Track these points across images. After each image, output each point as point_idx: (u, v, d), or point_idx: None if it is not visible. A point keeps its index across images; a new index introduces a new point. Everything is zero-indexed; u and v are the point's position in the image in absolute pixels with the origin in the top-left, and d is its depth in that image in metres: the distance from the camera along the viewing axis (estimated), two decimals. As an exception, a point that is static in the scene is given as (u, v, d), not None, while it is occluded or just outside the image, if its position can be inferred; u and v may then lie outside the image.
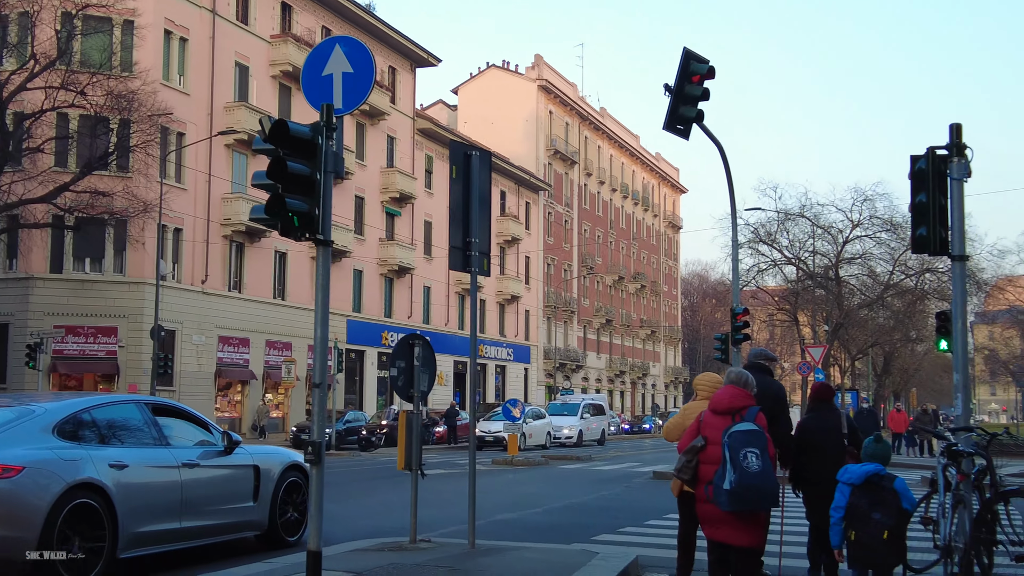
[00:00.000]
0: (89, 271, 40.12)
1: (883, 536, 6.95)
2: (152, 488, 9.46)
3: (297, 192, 8.08)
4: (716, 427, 7.18)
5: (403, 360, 10.44)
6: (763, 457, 6.81)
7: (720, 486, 6.85)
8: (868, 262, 54.61)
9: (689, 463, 7.27)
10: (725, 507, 6.87)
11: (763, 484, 6.76)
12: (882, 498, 7.07)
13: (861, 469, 7.28)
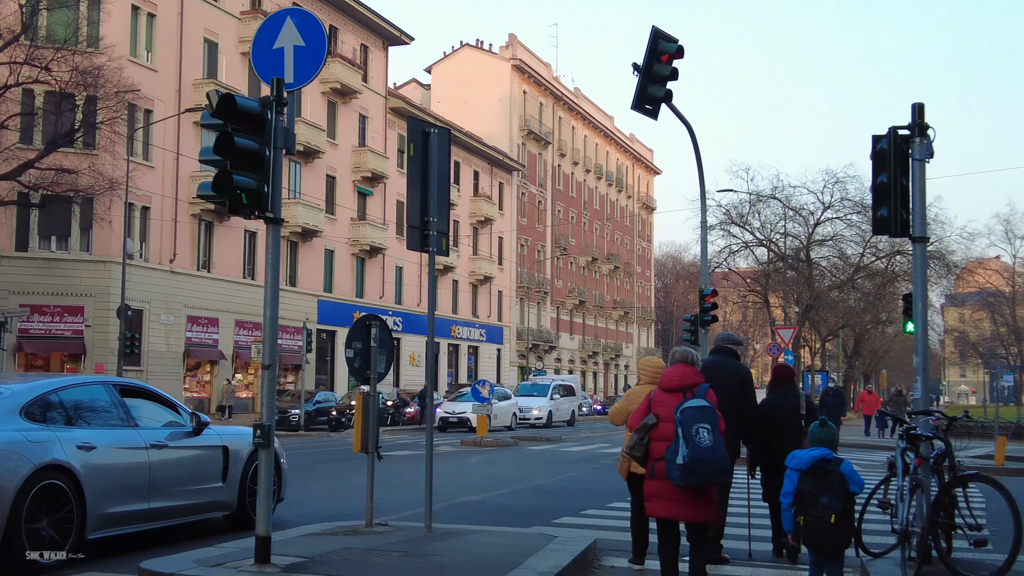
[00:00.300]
0: (55, 249, 39.62)
1: (831, 520, 6.98)
2: (120, 469, 9.42)
3: (245, 168, 7.89)
4: (667, 404, 7.26)
5: (359, 341, 10.26)
6: (714, 432, 6.94)
7: (673, 461, 6.94)
8: (839, 244, 54.86)
9: (641, 440, 7.33)
10: (678, 481, 6.94)
11: (714, 458, 6.87)
12: (829, 482, 7.08)
13: (808, 454, 7.25)
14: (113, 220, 38.53)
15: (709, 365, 9.45)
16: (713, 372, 9.04)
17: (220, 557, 8.31)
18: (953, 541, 8.82)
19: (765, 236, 54.21)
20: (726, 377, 9.28)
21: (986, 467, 22.66)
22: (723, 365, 9.56)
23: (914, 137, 8.72)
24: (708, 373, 8.56)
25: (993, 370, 35.26)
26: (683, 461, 6.86)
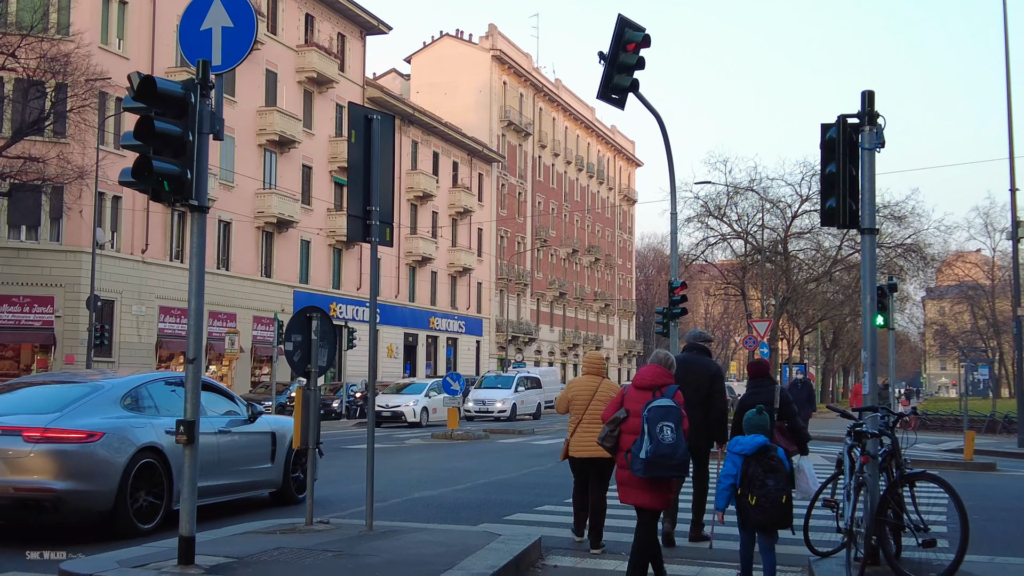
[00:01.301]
0: (24, 239, 39.13)
1: (782, 500, 7.60)
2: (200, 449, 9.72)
3: (167, 154, 7.59)
4: (638, 401, 7.84)
5: (299, 334, 9.98)
6: (677, 431, 7.49)
7: (637, 455, 7.54)
8: (817, 236, 54.75)
9: (612, 433, 7.94)
10: (640, 474, 7.54)
11: (675, 454, 7.44)
12: (773, 466, 7.68)
13: (752, 441, 7.80)
14: (83, 209, 38.08)
15: (682, 362, 9.70)
16: (685, 368, 9.59)
17: (143, 558, 8.03)
18: (903, 541, 8.62)
19: (743, 228, 54.07)
20: (698, 373, 9.87)
21: (955, 461, 22.57)
22: (695, 362, 10.03)
23: (864, 125, 8.48)
24: (681, 369, 9.12)
25: (967, 363, 35.16)
26: (646, 456, 7.43)
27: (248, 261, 48.26)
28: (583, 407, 9.99)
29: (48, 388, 11.31)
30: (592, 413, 9.85)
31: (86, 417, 10.07)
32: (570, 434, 10.12)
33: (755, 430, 7.93)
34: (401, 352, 61.43)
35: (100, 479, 9.86)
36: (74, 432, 9.85)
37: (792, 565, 9.22)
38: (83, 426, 9.93)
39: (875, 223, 8.59)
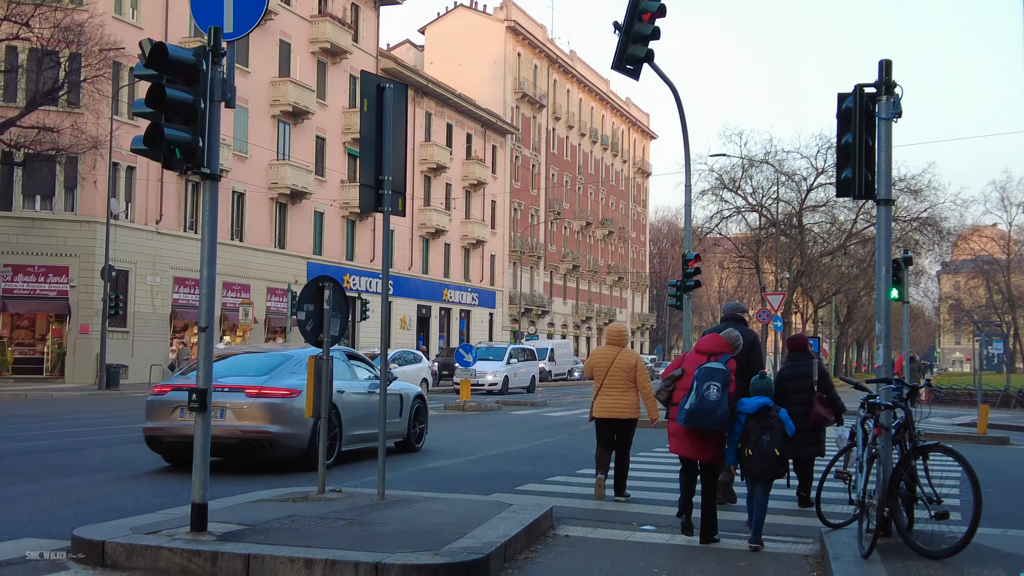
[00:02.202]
0: (39, 209, 39.23)
1: (774, 453, 8.33)
2: (356, 406, 14.25)
3: (178, 121, 7.56)
4: (694, 363, 8.87)
5: (312, 304, 9.97)
6: (722, 392, 8.43)
7: (682, 407, 8.57)
8: (832, 209, 54.40)
9: (666, 387, 9.12)
10: (683, 423, 8.57)
11: (715, 411, 8.38)
12: (770, 424, 8.44)
13: (754, 402, 8.61)
14: (98, 180, 38.19)
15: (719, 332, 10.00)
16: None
17: (156, 524, 8.07)
18: (916, 513, 8.59)
19: (757, 201, 53.80)
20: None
21: (969, 435, 22.51)
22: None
23: (880, 95, 8.38)
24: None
25: (981, 337, 34.99)
26: (689, 408, 8.46)
27: (262, 232, 48.31)
28: (603, 373, 11.31)
29: (253, 356, 14.39)
30: (611, 379, 11.23)
31: (286, 379, 13.10)
32: (593, 397, 11.44)
33: (759, 393, 8.75)
34: (414, 324, 61.51)
35: (299, 425, 12.91)
36: (281, 389, 12.91)
37: (804, 536, 9.22)
38: (286, 385, 12.97)
39: (891, 194, 8.51)
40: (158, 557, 7.29)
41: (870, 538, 7.75)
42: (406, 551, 7.19)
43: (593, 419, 11.47)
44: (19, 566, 7.34)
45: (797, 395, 10.61)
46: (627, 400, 11.26)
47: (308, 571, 6.95)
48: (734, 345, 9.06)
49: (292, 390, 12.89)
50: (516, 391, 42.55)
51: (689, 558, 8.20)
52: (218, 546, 7.32)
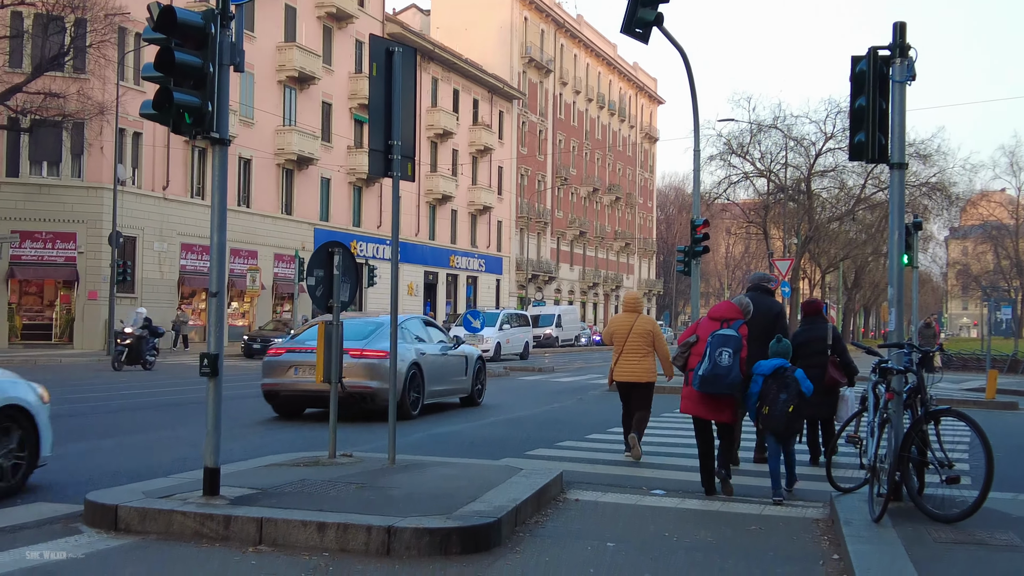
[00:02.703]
0: (46, 175, 39.23)
1: (788, 410, 8.96)
2: (434, 365, 16.91)
3: (187, 86, 7.51)
4: (708, 329, 9.37)
5: (321, 269, 9.95)
6: (734, 357, 8.95)
7: (697, 372, 9.12)
8: (840, 175, 54.15)
9: (682, 354, 9.64)
10: (697, 388, 9.14)
11: (727, 375, 8.93)
12: (786, 384, 9.02)
13: (770, 363, 9.20)
14: (104, 146, 38.14)
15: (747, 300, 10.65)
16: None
17: (169, 489, 8.09)
18: (926, 477, 8.60)
19: (765, 167, 53.55)
20: (762, 311, 10.68)
21: (977, 400, 22.50)
22: (759, 301, 10.82)
23: (894, 58, 8.30)
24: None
25: (990, 303, 34.89)
26: (703, 373, 8.99)
27: (268, 198, 48.28)
28: (623, 339, 11.84)
29: (352, 322, 16.10)
30: (630, 344, 11.77)
31: (382, 343, 15.29)
32: (613, 362, 11.99)
33: (776, 355, 9.36)
34: (421, 290, 61.56)
35: (399, 379, 15.08)
36: (378, 352, 15.22)
37: (814, 501, 9.23)
38: (381, 348, 15.10)
39: (904, 158, 8.45)
40: (171, 521, 7.32)
41: (881, 502, 7.76)
42: (418, 515, 7.22)
43: (613, 383, 12.09)
44: (33, 530, 7.38)
45: (811, 358, 10.75)
46: (645, 364, 11.77)
47: (321, 534, 6.98)
48: (745, 311, 9.69)
49: (387, 352, 14.14)
50: (509, 358, 41.10)
51: (700, 522, 8.22)
52: (231, 510, 7.35)
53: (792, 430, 9.21)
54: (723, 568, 6.75)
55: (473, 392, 18.70)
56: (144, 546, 6.98)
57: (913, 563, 6.39)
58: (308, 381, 15.12)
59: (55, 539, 7.09)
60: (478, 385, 19.02)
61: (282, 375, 15.72)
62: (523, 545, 7.27)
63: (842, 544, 7.20)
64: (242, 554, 6.78)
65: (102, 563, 6.51)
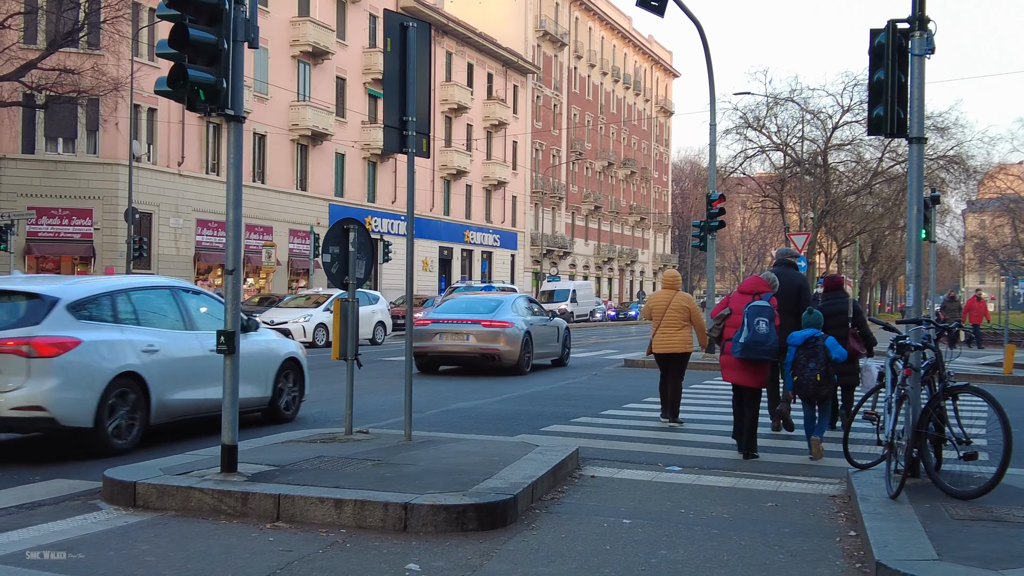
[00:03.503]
0: (62, 152, 39.30)
1: (816, 378, 9.98)
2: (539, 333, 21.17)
3: (201, 62, 7.49)
4: (740, 302, 10.46)
5: (337, 246, 9.94)
6: (769, 325, 10.01)
7: (737, 340, 10.04)
8: (857, 148, 53.72)
9: (717, 326, 10.79)
10: (738, 355, 10.05)
11: (765, 342, 9.97)
12: (815, 352, 10.02)
13: (801, 334, 10.20)
14: (119, 122, 38.14)
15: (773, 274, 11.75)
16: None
17: (186, 465, 8.13)
18: (944, 454, 8.56)
19: (782, 140, 53.17)
20: (787, 284, 11.61)
21: (995, 375, 22.40)
22: (784, 275, 11.74)
23: (914, 31, 8.20)
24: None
25: (1008, 277, 34.63)
26: (744, 341, 9.95)
27: (283, 174, 48.27)
28: (661, 314, 12.83)
29: (474, 298, 21.99)
30: (668, 319, 12.74)
31: (505, 315, 19.86)
32: (652, 335, 13.02)
33: (808, 326, 10.29)
34: (436, 266, 61.57)
35: (514, 346, 19.78)
36: (504, 322, 19.66)
37: (831, 477, 9.22)
38: (506, 319, 19.70)
39: (923, 132, 8.36)
40: (189, 498, 7.37)
41: (898, 479, 7.74)
42: (434, 491, 7.24)
43: (652, 354, 13.09)
44: (51, 507, 7.43)
45: (834, 330, 11.21)
46: (681, 336, 12.77)
47: (338, 511, 7.01)
48: (772, 284, 10.79)
49: (509, 322, 19.81)
50: None
51: (716, 498, 8.22)
52: (248, 486, 7.38)
53: (821, 395, 10.07)
54: (739, 544, 6.76)
55: (562, 356, 22.95)
56: (162, 522, 7.02)
57: (930, 539, 6.37)
58: (448, 345, 20.04)
59: (73, 516, 7.14)
60: (566, 350, 23.16)
61: (429, 340, 20.07)
62: (539, 521, 7.29)
63: (859, 520, 7.19)
64: (259, 530, 6.82)
65: (119, 539, 6.55)
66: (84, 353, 9.39)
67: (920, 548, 6.20)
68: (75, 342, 9.34)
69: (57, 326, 9.35)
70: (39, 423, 9.30)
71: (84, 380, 9.33)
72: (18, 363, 9.07)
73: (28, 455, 9.88)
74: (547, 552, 6.47)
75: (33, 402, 9.09)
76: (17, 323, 9.37)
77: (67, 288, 9.90)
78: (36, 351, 9.12)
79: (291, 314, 30.41)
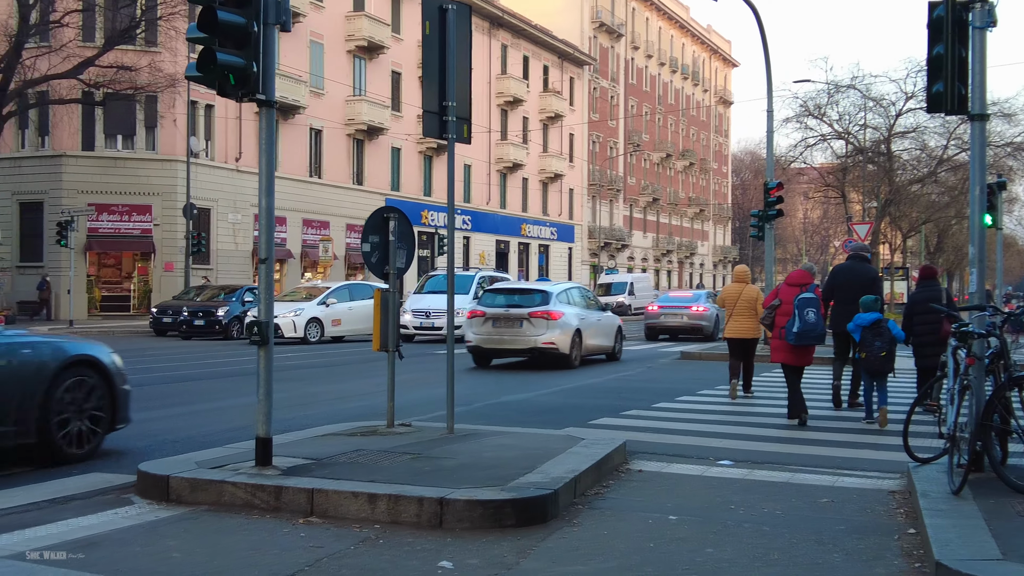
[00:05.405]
0: (121, 148, 39.73)
1: (882, 355, 11.42)
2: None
3: (231, 46, 7.29)
4: (788, 294, 12.03)
5: (377, 235, 9.74)
6: (817, 314, 11.57)
7: (790, 329, 11.62)
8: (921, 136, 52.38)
9: (769, 315, 12.34)
10: (792, 342, 11.66)
11: (815, 329, 11.57)
12: (880, 332, 11.45)
13: (868, 316, 11.56)
14: (177, 118, 38.48)
15: (847, 269, 13.37)
16: (850, 273, 13.16)
17: (221, 459, 7.98)
18: (1010, 447, 8.15)
19: (843, 128, 52.05)
20: (860, 277, 12.96)
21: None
22: (858, 268, 13.23)
23: (974, 3, 7.77)
24: (847, 273, 13.19)
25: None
26: (797, 330, 11.51)
27: (340, 169, 48.41)
28: (733, 304, 14.58)
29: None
30: (739, 308, 14.45)
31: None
32: (726, 323, 14.85)
33: (870, 310, 11.63)
34: (493, 259, 61.39)
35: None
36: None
37: (890, 472, 8.81)
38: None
39: (985, 109, 7.92)
40: (222, 492, 7.20)
41: (961, 473, 7.33)
42: (471, 486, 6.99)
43: (725, 338, 14.90)
44: (82, 501, 7.31)
45: (929, 315, 12.02)
46: (750, 324, 14.46)
47: (372, 506, 6.79)
48: (813, 274, 12.36)
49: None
50: None
51: (768, 493, 7.87)
52: (282, 480, 7.20)
53: (884, 370, 11.51)
54: (790, 542, 6.42)
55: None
56: (193, 517, 6.86)
57: (994, 538, 5.98)
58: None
59: (104, 510, 7.01)
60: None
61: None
62: (581, 517, 7.01)
63: (919, 517, 6.81)
64: (292, 525, 6.63)
65: (148, 534, 6.39)
66: (565, 319, 19.73)
67: (983, 547, 5.82)
68: (559, 314, 19.44)
69: (554, 305, 19.54)
70: (549, 352, 19.41)
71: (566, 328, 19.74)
72: (544, 322, 19.29)
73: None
74: (586, 549, 6.19)
75: (550, 339, 19.35)
76: (538, 304, 19.57)
77: (554, 288, 20.58)
78: (550, 317, 19.31)
79: (280, 308, 27.31)
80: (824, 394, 14.30)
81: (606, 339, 21.91)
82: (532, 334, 19.33)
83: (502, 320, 19.69)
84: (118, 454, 9.32)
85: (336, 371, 19.19)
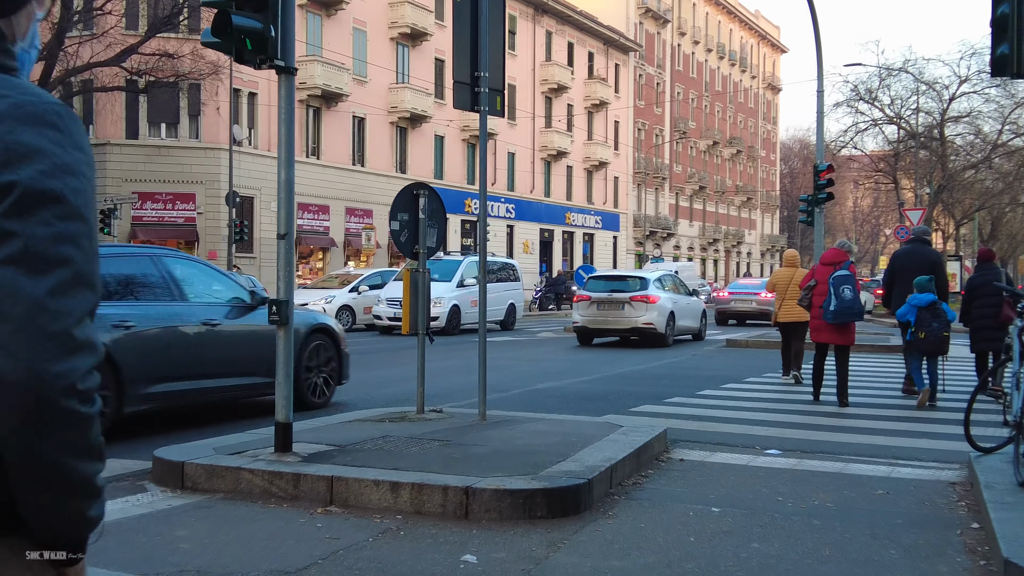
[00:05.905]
0: (164, 137, 39.73)
1: (944, 335, 11.32)
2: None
3: (247, 8, 6.91)
4: (824, 273, 11.87)
5: (406, 213, 9.34)
6: (853, 291, 11.42)
7: (828, 308, 11.46)
8: (975, 120, 51.10)
9: (806, 296, 12.21)
10: (830, 320, 11.49)
11: (852, 307, 11.41)
12: (937, 314, 11.38)
13: (925, 297, 11.46)
14: (220, 106, 38.39)
15: (908, 252, 13.10)
16: (911, 256, 12.86)
17: (240, 445, 7.64)
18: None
19: (895, 113, 50.95)
20: (922, 259, 12.65)
21: None
22: (919, 251, 12.97)
23: (1045, -45, 7.21)
24: (909, 256, 12.84)
25: None
26: (834, 308, 11.36)
27: (383, 157, 48.16)
28: (784, 289, 14.77)
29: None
30: (790, 292, 14.53)
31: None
32: (776, 307, 15.03)
33: (924, 291, 11.55)
34: (537, 248, 60.93)
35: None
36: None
37: (951, 462, 8.28)
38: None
39: (1056, 70, 7.36)
40: (239, 479, 6.85)
41: (1027, 464, 6.81)
42: (501, 474, 6.58)
43: (776, 322, 15.06)
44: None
45: (988, 298, 12.26)
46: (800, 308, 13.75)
47: (394, 494, 6.40)
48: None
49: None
50: (470, 327, 26.41)
51: (819, 484, 7.39)
52: (301, 467, 6.83)
53: (941, 351, 11.50)
54: (843, 536, 5.94)
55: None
56: (207, 506, 6.52)
57: (1069, 535, 5.47)
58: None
59: (116, 497, 6.65)
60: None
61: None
62: (617, 508, 6.57)
63: (983, 511, 6.30)
64: (309, 515, 6.26)
65: (157, 524, 6.05)
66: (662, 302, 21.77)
67: (1057, 545, 5.31)
68: (656, 298, 21.35)
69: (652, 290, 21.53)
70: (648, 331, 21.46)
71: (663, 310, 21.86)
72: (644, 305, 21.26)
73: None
74: (623, 543, 5.75)
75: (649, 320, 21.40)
76: (637, 289, 21.56)
77: (651, 275, 22.49)
78: (649, 300, 21.20)
79: (312, 295, 27.69)
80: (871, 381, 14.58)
81: (693, 321, 24.13)
82: (633, 316, 21.54)
83: (605, 304, 21.93)
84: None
85: (368, 358, 18.88)
